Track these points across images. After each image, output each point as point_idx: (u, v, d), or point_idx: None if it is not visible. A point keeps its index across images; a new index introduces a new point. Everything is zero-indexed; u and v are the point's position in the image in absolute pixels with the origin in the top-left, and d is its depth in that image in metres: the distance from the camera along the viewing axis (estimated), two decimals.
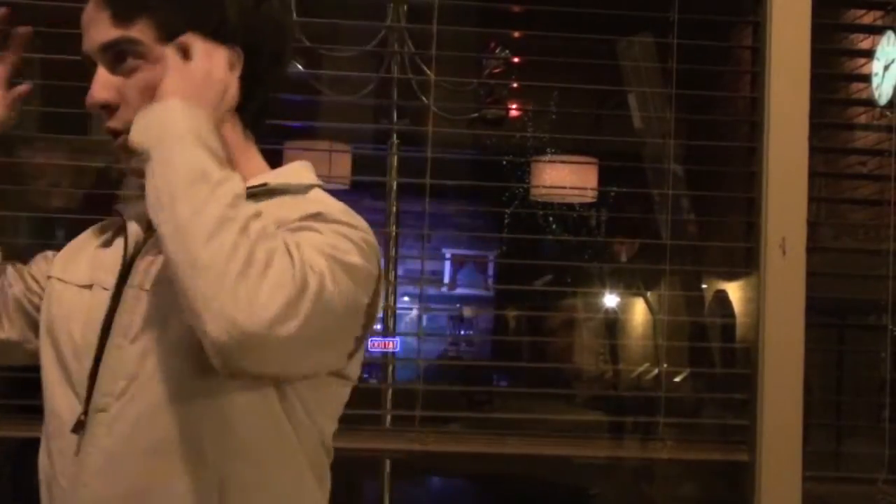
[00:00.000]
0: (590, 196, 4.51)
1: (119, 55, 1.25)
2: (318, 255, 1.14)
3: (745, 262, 2.70)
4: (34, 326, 1.41)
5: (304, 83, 3.07)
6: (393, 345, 3.60)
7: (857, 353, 3.01)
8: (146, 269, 1.26)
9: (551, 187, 4.27)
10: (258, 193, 1.26)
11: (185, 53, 1.22)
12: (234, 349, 1.07)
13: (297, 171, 1.35)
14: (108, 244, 1.37)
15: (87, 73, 1.29)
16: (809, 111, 2.61)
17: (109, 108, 1.26)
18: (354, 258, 1.19)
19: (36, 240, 3.04)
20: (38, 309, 1.41)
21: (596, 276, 4.43)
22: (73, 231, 1.49)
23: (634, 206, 3.53)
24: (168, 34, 1.24)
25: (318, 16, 2.93)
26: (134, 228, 1.32)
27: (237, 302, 1.05)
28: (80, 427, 1.24)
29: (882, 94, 2.86)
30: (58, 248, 1.47)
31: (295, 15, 2.83)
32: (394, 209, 2.95)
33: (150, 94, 1.21)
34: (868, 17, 3.33)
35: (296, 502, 1.28)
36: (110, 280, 1.29)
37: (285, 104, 2.98)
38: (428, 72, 2.85)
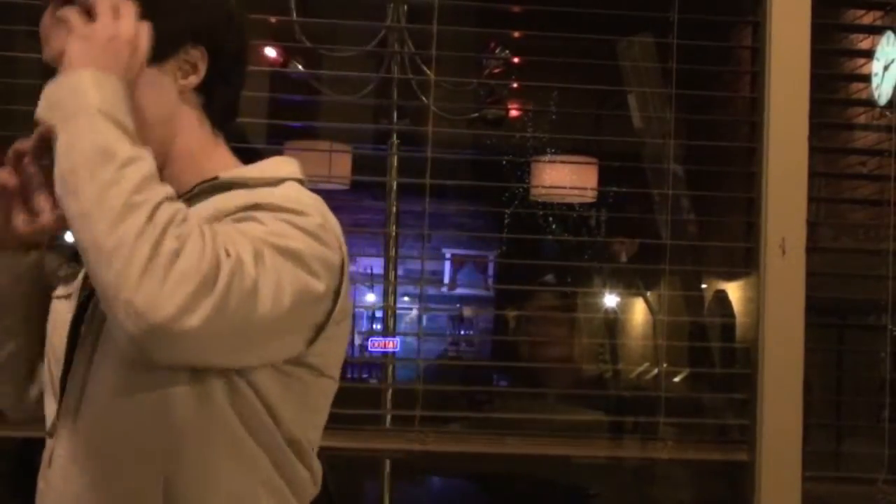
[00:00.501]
0: (590, 196, 4.51)
1: None
2: (244, 241, 1.12)
3: (745, 262, 2.70)
4: None
5: (304, 83, 3.07)
6: (393, 345, 3.61)
7: (857, 353, 3.01)
8: None
9: (551, 187, 4.28)
10: (211, 189, 1.24)
11: (89, 13, 1.18)
12: (144, 340, 1.05)
13: (271, 165, 1.32)
14: None
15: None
16: (809, 111, 2.61)
17: None
18: (297, 243, 1.16)
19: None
20: None
21: (596, 276, 4.43)
22: None
23: (634, 206, 3.53)
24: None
25: (318, 16, 2.93)
26: None
27: (142, 294, 1.03)
28: (53, 430, 1.27)
29: (882, 94, 2.86)
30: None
31: (295, 15, 2.84)
32: (394, 209, 2.95)
33: None
34: (868, 17, 3.33)
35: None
36: (78, 289, 1.31)
37: (285, 104, 3.00)
38: (428, 72, 2.85)
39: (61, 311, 1.33)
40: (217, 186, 1.25)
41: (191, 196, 1.25)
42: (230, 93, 1.34)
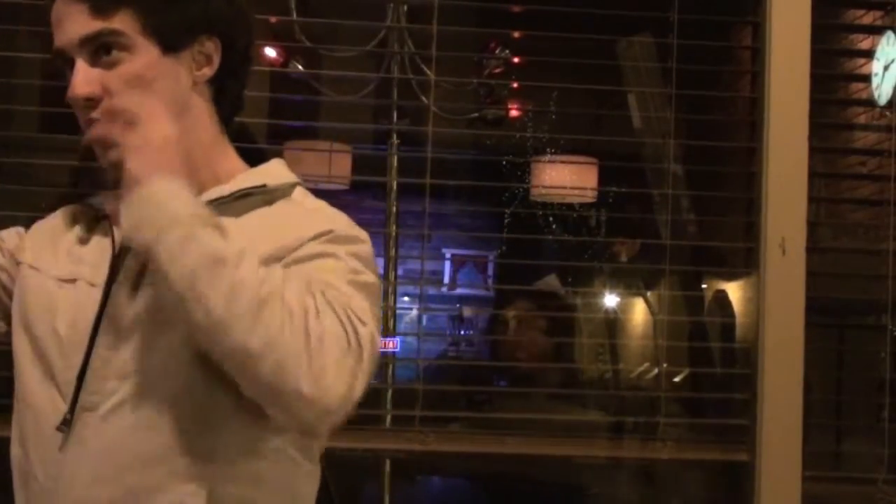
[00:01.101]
0: (590, 196, 4.51)
1: (101, 48, 1.23)
2: (349, 294, 1.16)
3: (745, 262, 2.70)
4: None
5: (304, 83, 3.07)
6: (393, 345, 3.60)
7: (857, 353, 3.00)
8: (137, 266, 1.24)
9: (551, 187, 4.27)
10: (251, 194, 1.26)
11: (128, 120, 1.17)
12: (319, 423, 1.13)
13: (277, 169, 1.34)
14: (86, 238, 1.34)
15: (58, 69, 1.28)
16: (809, 111, 2.61)
17: (93, 101, 1.24)
18: (370, 277, 1.22)
19: None
20: (2, 288, 1.38)
21: (596, 276, 4.43)
22: None
23: (634, 206, 3.53)
24: (150, 24, 1.23)
25: (318, 16, 2.93)
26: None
27: (309, 382, 1.07)
28: (65, 425, 1.23)
29: (882, 94, 2.86)
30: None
31: (295, 15, 2.84)
32: (394, 209, 2.95)
33: (136, 84, 1.21)
34: (868, 17, 3.32)
35: (290, 495, 1.27)
36: (97, 276, 1.27)
37: (285, 104, 3.00)
38: (428, 72, 2.85)
39: (57, 295, 1.29)
40: (257, 193, 1.28)
41: (224, 202, 1.26)
42: (238, 87, 1.35)
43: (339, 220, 1.27)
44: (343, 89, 3.02)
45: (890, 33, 2.87)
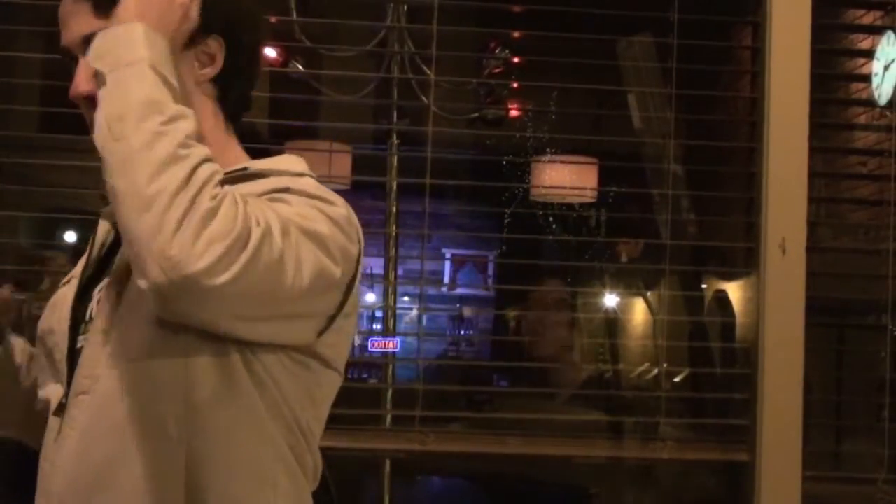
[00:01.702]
0: (590, 196, 4.51)
1: None
2: (274, 215, 1.14)
3: (745, 262, 2.70)
4: None
5: (304, 83, 3.07)
6: (393, 345, 3.60)
7: (857, 353, 3.00)
8: (125, 261, 1.25)
9: (551, 187, 4.27)
10: (233, 179, 1.24)
11: None
12: (171, 290, 1.07)
13: (287, 160, 1.35)
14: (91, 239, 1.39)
15: (67, 68, 1.29)
16: (809, 111, 2.61)
17: (93, 99, 1.23)
18: (322, 227, 1.19)
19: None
20: None
21: (596, 276, 4.43)
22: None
23: (634, 206, 3.53)
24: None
25: (318, 16, 2.93)
26: (104, 225, 1.35)
27: (177, 245, 1.05)
28: (61, 410, 1.26)
29: (882, 94, 2.86)
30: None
31: (295, 15, 2.84)
32: (394, 209, 2.94)
33: None
34: (868, 17, 3.33)
35: (271, 484, 1.25)
36: (79, 272, 1.33)
37: (285, 104, 3.00)
38: (428, 72, 2.85)
39: (59, 299, 1.35)
40: (242, 177, 1.26)
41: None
42: (244, 86, 1.35)
43: (315, 185, 1.26)
44: (343, 89, 3.02)
45: (890, 33, 2.87)
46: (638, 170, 3.02)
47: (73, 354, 1.28)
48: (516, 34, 3.18)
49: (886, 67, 2.85)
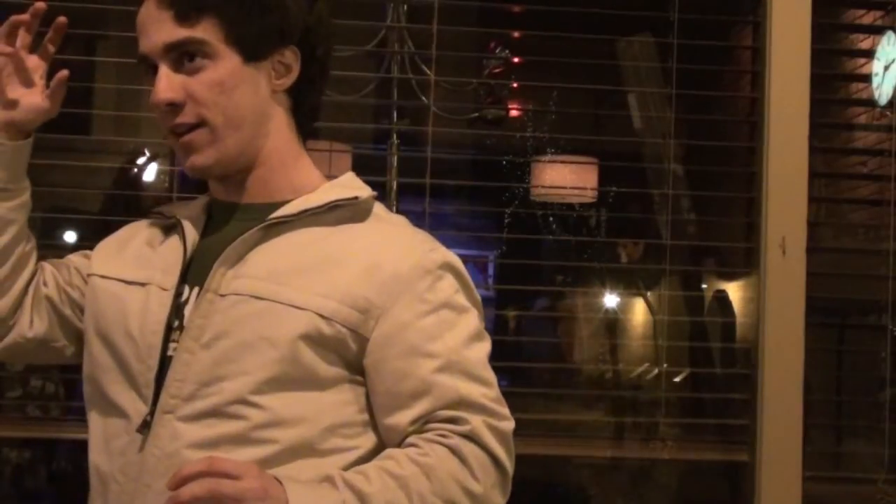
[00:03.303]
0: (590, 196, 4.51)
1: (184, 55, 1.25)
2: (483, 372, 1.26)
3: (745, 262, 2.70)
4: (64, 326, 1.41)
5: None
6: None
7: (857, 353, 3.00)
8: (222, 276, 1.26)
9: (551, 187, 4.27)
10: (341, 206, 1.29)
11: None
12: None
13: (358, 183, 1.37)
14: (155, 243, 1.37)
15: (142, 73, 1.31)
16: (809, 111, 2.61)
17: (175, 107, 1.26)
18: (477, 333, 1.30)
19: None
20: (72, 308, 1.41)
21: (596, 276, 4.42)
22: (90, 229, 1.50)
23: (634, 206, 3.53)
24: (232, 33, 1.25)
25: None
26: (191, 230, 1.33)
27: None
28: (145, 427, 1.24)
29: (882, 94, 2.86)
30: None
31: None
32: (394, 209, 2.94)
33: (217, 91, 1.24)
34: (868, 17, 3.32)
35: None
36: (168, 280, 1.29)
37: None
38: (428, 72, 2.84)
39: (128, 299, 1.31)
40: (337, 205, 1.29)
41: (317, 212, 1.28)
42: (315, 97, 1.37)
43: (447, 285, 1.29)
44: (343, 89, 3.01)
45: (890, 33, 2.87)
46: (638, 170, 3.02)
47: (163, 360, 1.26)
48: (516, 34, 3.17)
49: (886, 67, 2.85)
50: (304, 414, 1.22)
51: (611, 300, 4.92)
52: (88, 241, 1.48)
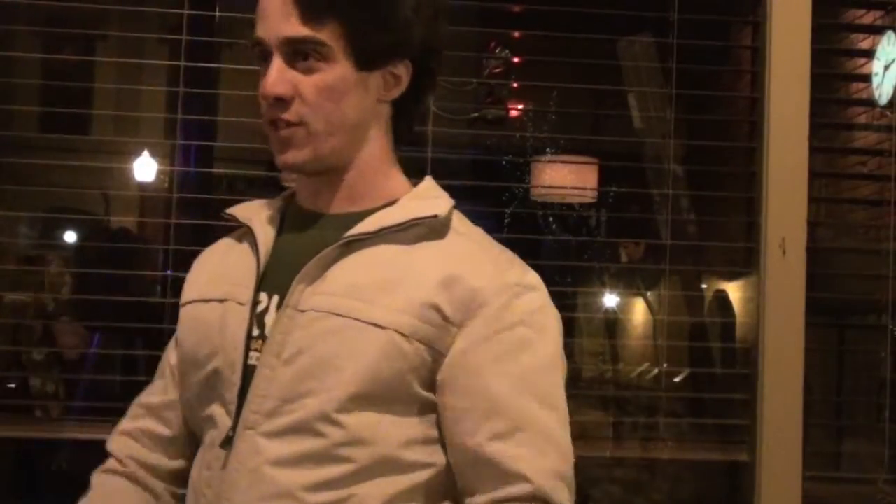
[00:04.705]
0: (590, 196, 4.51)
1: (301, 53, 1.25)
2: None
3: (745, 262, 2.70)
4: None
5: None
6: None
7: (857, 353, 3.00)
8: (301, 292, 1.25)
9: (551, 187, 4.27)
10: (420, 223, 1.28)
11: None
12: None
13: (437, 192, 1.38)
14: (230, 253, 1.37)
15: (253, 55, 1.30)
16: (809, 111, 2.61)
17: (282, 101, 1.26)
18: (552, 348, 1.29)
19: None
20: None
21: (596, 276, 4.43)
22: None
23: (634, 206, 3.53)
24: (355, 41, 1.25)
25: None
26: (263, 235, 1.32)
27: None
28: (228, 442, 1.24)
29: (882, 94, 2.86)
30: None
31: None
32: None
33: (327, 95, 1.24)
34: (868, 17, 3.32)
35: None
36: (244, 294, 1.29)
37: None
38: None
39: (210, 317, 1.31)
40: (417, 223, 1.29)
41: (398, 230, 1.28)
42: (418, 109, 1.38)
43: (524, 303, 1.27)
44: None
45: (890, 33, 2.87)
46: (638, 170, 3.02)
47: (245, 372, 1.26)
48: (516, 34, 3.17)
49: (886, 67, 2.85)
50: (383, 432, 1.22)
51: (611, 300, 4.93)
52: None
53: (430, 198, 1.34)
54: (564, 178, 4.26)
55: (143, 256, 3.26)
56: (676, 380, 3.10)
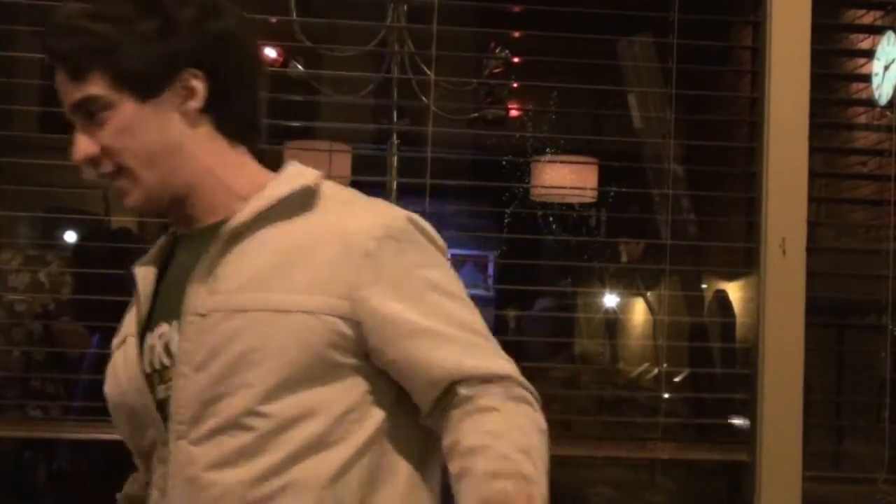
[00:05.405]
0: (590, 196, 4.51)
1: (88, 113, 1.28)
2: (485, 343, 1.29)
3: (745, 262, 2.70)
4: None
5: (304, 83, 3.07)
6: None
7: (857, 353, 3.00)
8: (196, 296, 1.27)
9: (551, 187, 4.27)
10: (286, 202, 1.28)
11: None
12: None
13: (294, 171, 1.35)
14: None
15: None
16: (809, 111, 2.61)
17: (95, 160, 1.29)
18: (454, 276, 1.34)
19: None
20: None
21: (596, 277, 4.43)
22: None
23: (634, 206, 3.53)
24: (119, 80, 1.26)
25: (318, 16, 2.93)
26: (144, 274, 1.36)
27: None
28: (164, 459, 1.27)
29: (882, 94, 2.86)
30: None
31: (295, 15, 2.84)
32: None
33: (123, 135, 1.27)
34: (868, 17, 3.33)
35: None
36: (133, 328, 1.34)
37: (285, 104, 3.00)
38: (428, 72, 2.85)
39: (119, 361, 1.35)
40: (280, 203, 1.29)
41: (269, 213, 1.28)
42: (241, 106, 1.35)
43: (392, 224, 1.29)
44: (343, 89, 3.02)
45: (890, 33, 2.87)
46: (638, 170, 3.02)
47: (160, 405, 1.28)
48: (516, 34, 3.18)
49: (886, 67, 2.85)
50: (311, 411, 1.23)
51: (611, 300, 4.93)
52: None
53: (294, 175, 1.34)
54: (564, 178, 4.26)
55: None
56: (676, 380, 3.10)
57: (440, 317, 1.26)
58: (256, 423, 1.21)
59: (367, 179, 3.52)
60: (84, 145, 1.29)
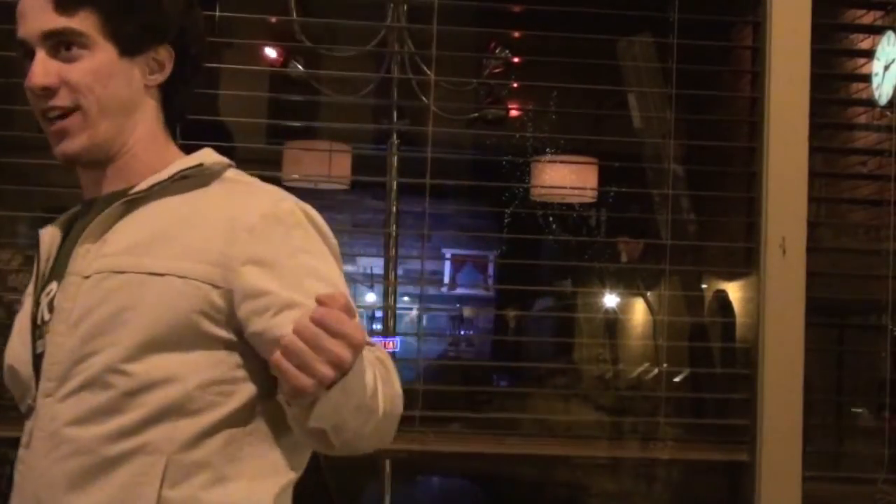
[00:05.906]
0: (590, 196, 4.51)
1: (61, 43, 1.29)
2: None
3: (745, 262, 2.70)
4: None
5: (304, 83, 3.07)
6: (393, 345, 3.60)
7: (857, 353, 3.00)
8: (84, 258, 1.30)
9: (551, 187, 4.27)
10: (188, 176, 1.32)
11: None
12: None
13: (209, 153, 1.39)
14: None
15: (20, 58, 1.35)
16: (809, 111, 2.61)
17: (49, 91, 1.30)
18: (338, 271, 1.33)
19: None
20: None
21: (596, 277, 4.43)
22: None
23: (634, 206, 3.53)
24: (110, 27, 1.30)
25: (318, 16, 2.93)
26: (48, 237, 1.38)
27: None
28: (30, 413, 1.29)
29: (882, 94, 2.86)
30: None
31: (295, 15, 2.84)
32: (394, 209, 2.94)
33: (92, 80, 1.29)
34: (868, 17, 3.33)
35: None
36: (31, 288, 1.37)
37: (285, 104, 3.00)
38: (428, 72, 2.85)
39: (19, 317, 1.38)
40: (184, 176, 1.33)
41: (164, 185, 1.32)
42: (186, 95, 1.41)
43: (280, 205, 1.31)
44: (343, 89, 3.02)
45: (890, 33, 2.87)
46: (638, 170, 3.02)
47: (36, 360, 1.31)
48: (516, 34, 3.17)
49: (886, 67, 2.85)
50: (173, 376, 1.24)
51: (611, 300, 4.93)
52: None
53: (198, 157, 1.37)
54: (564, 178, 4.26)
55: None
56: (676, 380, 3.10)
57: (313, 300, 1.24)
58: (117, 380, 1.24)
59: (367, 179, 3.52)
60: (45, 73, 1.30)
